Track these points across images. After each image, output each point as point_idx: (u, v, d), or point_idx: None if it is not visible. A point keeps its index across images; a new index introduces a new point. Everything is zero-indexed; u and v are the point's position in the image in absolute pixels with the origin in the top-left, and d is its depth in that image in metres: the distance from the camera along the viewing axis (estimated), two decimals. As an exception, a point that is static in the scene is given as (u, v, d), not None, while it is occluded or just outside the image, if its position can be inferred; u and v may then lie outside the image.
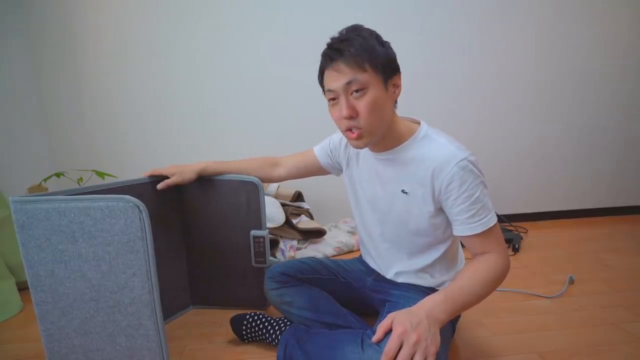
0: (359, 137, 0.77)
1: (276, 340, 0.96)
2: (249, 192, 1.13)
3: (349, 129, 0.77)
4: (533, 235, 1.84)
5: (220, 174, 1.13)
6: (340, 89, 0.75)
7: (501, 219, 1.96)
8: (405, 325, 0.67)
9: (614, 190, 2.09)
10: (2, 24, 1.68)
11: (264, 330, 0.99)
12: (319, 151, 1.06)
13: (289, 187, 1.84)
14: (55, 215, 0.81)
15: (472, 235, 0.77)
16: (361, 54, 0.73)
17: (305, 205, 1.84)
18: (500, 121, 1.97)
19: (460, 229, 0.79)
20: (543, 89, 1.95)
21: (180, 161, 1.19)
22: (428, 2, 1.83)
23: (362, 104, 0.74)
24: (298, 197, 1.84)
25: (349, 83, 0.73)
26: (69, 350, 0.87)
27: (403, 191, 0.83)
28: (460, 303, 0.73)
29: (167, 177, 1.07)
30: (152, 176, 1.07)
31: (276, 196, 1.77)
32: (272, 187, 1.79)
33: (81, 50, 1.80)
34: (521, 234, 1.83)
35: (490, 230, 0.77)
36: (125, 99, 1.87)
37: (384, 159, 0.85)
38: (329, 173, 1.09)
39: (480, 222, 0.76)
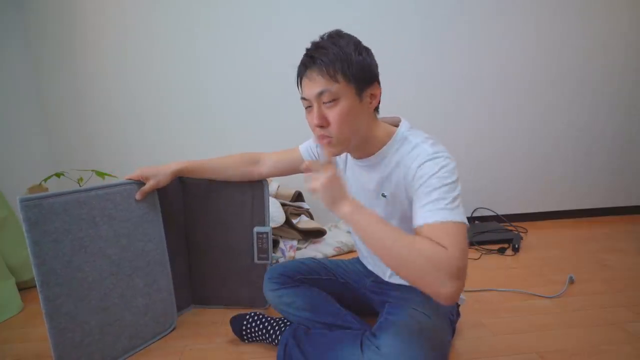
0: (329, 145, 0.78)
1: (276, 341, 0.96)
2: (254, 190, 1.14)
3: (322, 137, 0.78)
4: (533, 235, 1.84)
5: (198, 175, 1.09)
6: (312, 98, 0.75)
7: (501, 219, 1.96)
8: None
9: (614, 190, 2.09)
10: (2, 24, 1.68)
11: (264, 331, 0.99)
12: (305, 151, 1.04)
13: (289, 187, 1.84)
14: (74, 205, 0.87)
15: (430, 223, 0.65)
16: (334, 64, 0.72)
17: (305, 205, 1.84)
18: (500, 121, 1.97)
19: (419, 215, 0.68)
20: (543, 89, 1.94)
21: (180, 160, 1.18)
22: (428, 2, 1.82)
23: (332, 114, 0.74)
24: (298, 197, 1.84)
25: (320, 93, 0.74)
26: (84, 336, 0.90)
27: (383, 195, 0.83)
28: (370, 231, 0.67)
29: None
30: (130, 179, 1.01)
31: (276, 196, 1.77)
32: (272, 187, 1.79)
33: (81, 50, 1.80)
34: (521, 234, 1.83)
35: (446, 224, 0.64)
36: (124, 99, 1.86)
37: (365, 166, 0.85)
38: None
39: (438, 211, 0.65)
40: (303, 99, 0.78)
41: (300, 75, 0.78)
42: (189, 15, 1.79)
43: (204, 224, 1.17)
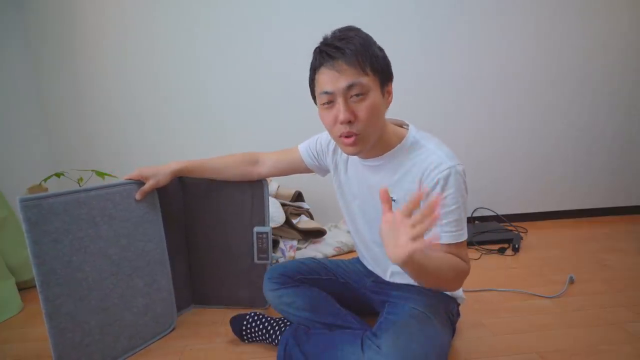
0: (354, 144, 0.73)
1: (276, 341, 0.96)
2: (254, 190, 1.14)
3: (344, 135, 0.72)
4: (533, 235, 1.84)
5: (198, 174, 1.09)
6: (339, 91, 0.70)
7: (501, 219, 1.96)
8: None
9: (614, 190, 2.09)
10: (1, 24, 1.68)
11: (264, 331, 0.99)
12: (304, 151, 1.02)
13: (289, 187, 1.84)
14: (74, 205, 0.87)
15: (454, 243, 0.76)
16: (364, 55, 0.68)
17: (305, 205, 1.84)
18: (500, 121, 1.97)
19: (441, 234, 0.76)
20: (543, 89, 1.94)
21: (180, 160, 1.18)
22: (428, 2, 1.82)
23: (362, 109, 0.70)
24: (298, 197, 1.84)
25: (350, 86, 0.69)
26: (84, 336, 0.90)
27: (392, 199, 0.81)
28: (430, 270, 0.66)
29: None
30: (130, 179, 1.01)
31: (276, 196, 1.77)
32: (272, 187, 1.79)
33: (81, 50, 1.80)
34: (521, 234, 1.83)
35: (460, 243, 0.76)
36: (124, 99, 1.86)
37: (372, 166, 0.83)
38: (314, 172, 1.06)
39: (453, 234, 0.75)
40: (325, 93, 0.71)
41: (319, 66, 0.72)
42: (189, 15, 1.79)
43: (204, 223, 1.17)
